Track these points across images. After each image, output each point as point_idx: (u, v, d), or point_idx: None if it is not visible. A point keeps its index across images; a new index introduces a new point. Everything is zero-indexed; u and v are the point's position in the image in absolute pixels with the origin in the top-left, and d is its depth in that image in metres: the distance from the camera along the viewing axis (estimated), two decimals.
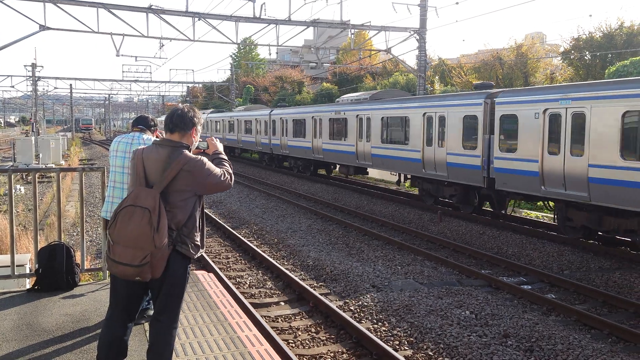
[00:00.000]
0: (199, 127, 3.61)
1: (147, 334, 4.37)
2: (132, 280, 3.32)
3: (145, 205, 3.22)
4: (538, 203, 14.01)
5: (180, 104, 3.93)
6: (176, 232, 3.33)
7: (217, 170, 3.48)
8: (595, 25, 32.36)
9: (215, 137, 3.90)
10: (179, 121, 3.50)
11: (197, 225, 3.48)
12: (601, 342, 6.42)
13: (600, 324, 6.93)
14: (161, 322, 3.42)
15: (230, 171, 3.60)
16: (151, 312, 4.83)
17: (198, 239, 3.48)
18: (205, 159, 3.46)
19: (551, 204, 12.69)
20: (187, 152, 3.44)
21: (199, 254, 3.52)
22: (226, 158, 3.70)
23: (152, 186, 3.34)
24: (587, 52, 26.34)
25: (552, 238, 11.58)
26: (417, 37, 22.24)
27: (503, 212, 13.60)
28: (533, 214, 15.38)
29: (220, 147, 3.80)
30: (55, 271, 5.43)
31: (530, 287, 8.70)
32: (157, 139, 3.65)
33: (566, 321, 7.17)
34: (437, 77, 33.19)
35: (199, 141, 3.71)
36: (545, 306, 7.71)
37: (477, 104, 13.23)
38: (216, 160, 3.63)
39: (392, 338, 6.48)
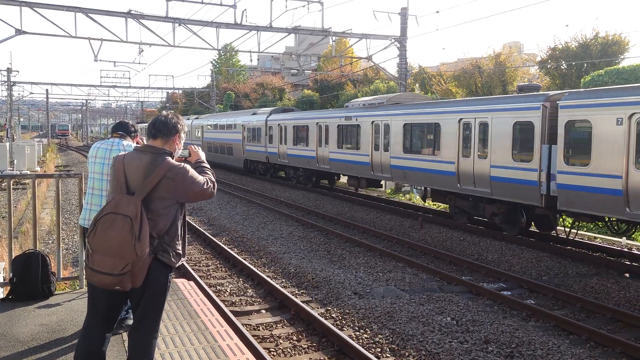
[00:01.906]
0: (183, 135, 3.57)
1: (126, 344, 4.28)
2: (111, 290, 3.24)
3: (127, 213, 3.15)
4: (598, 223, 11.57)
5: (163, 111, 3.87)
6: (157, 240, 3.27)
7: (200, 178, 3.42)
8: (571, 35, 33.04)
9: (197, 145, 3.86)
10: (162, 127, 3.45)
11: (179, 233, 3.42)
12: (580, 347, 6.48)
13: (578, 329, 7.00)
14: (140, 331, 3.35)
15: (213, 179, 3.56)
16: (130, 322, 4.75)
17: (180, 247, 3.42)
18: (188, 167, 3.41)
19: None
20: (169, 159, 3.39)
21: (180, 263, 3.46)
22: (209, 166, 3.67)
23: (134, 193, 3.26)
24: (563, 62, 26.85)
25: (531, 244, 11.71)
26: (398, 45, 22.43)
27: (566, 236, 11.92)
28: (600, 237, 13.04)
29: (203, 155, 3.76)
30: (30, 280, 5.30)
31: (510, 293, 8.77)
32: (139, 145, 3.59)
33: (545, 327, 7.23)
34: (417, 85, 33.50)
35: (181, 149, 3.66)
36: (524, 312, 7.78)
37: (533, 108, 11.22)
38: (199, 168, 3.58)
39: (374, 345, 6.46)
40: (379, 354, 6.23)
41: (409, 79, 26.57)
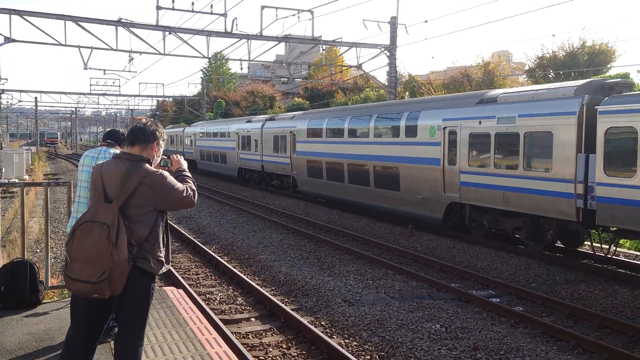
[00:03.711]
0: (162, 142, 3.58)
1: (113, 352, 4.27)
2: (93, 298, 3.24)
3: (104, 220, 3.16)
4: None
5: (144, 119, 3.89)
6: (137, 247, 3.26)
7: (180, 186, 3.41)
8: (559, 44, 33.47)
9: (178, 154, 3.88)
10: (140, 134, 3.47)
11: (160, 240, 3.41)
12: (567, 353, 6.54)
13: (566, 335, 7.05)
14: (126, 340, 3.34)
15: (194, 188, 3.55)
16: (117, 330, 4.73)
17: (162, 254, 3.41)
18: (166, 173, 3.41)
19: None
20: (147, 165, 3.38)
21: (163, 270, 3.45)
22: (190, 175, 3.66)
23: (112, 201, 3.27)
24: (550, 71, 27.18)
25: (520, 252, 11.79)
26: (388, 54, 22.59)
27: (605, 254, 10.82)
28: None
29: (184, 164, 3.77)
30: (17, 289, 5.28)
31: (498, 300, 8.82)
32: (117, 153, 3.60)
33: (534, 333, 7.28)
34: (407, 93, 33.71)
35: (163, 158, 3.67)
36: (513, 319, 7.82)
37: (567, 113, 10.35)
38: (180, 177, 3.58)
39: (363, 353, 6.47)
40: None
41: (399, 87, 26.74)
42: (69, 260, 3.23)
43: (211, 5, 19.84)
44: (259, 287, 8.81)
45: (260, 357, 6.34)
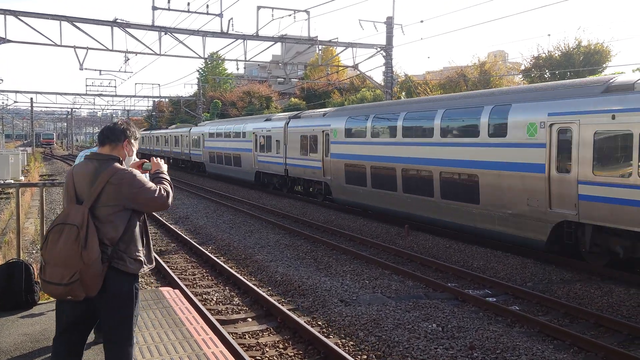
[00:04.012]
0: (134, 141, 3.55)
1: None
2: (77, 302, 3.22)
3: (74, 222, 3.14)
4: None
5: (115, 119, 3.88)
6: (112, 248, 3.22)
7: (151, 186, 3.36)
8: (554, 44, 33.57)
9: (159, 158, 3.86)
10: (109, 133, 3.45)
11: (138, 240, 3.36)
12: (563, 352, 6.55)
13: (562, 334, 7.07)
14: (112, 342, 3.31)
15: (169, 190, 3.49)
16: None
17: (140, 254, 3.36)
18: (136, 172, 3.37)
19: None
20: (116, 164, 3.34)
21: (144, 270, 3.41)
22: (167, 178, 3.63)
23: (83, 202, 3.25)
24: (546, 70, 27.26)
25: (516, 251, 11.82)
26: (384, 54, 22.62)
27: None
28: None
29: (164, 167, 3.74)
30: (13, 290, 5.26)
31: (495, 299, 8.84)
32: (88, 154, 3.59)
33: (530, 332, 7.30)
34: (403, 93, 33.77)
35: (145, 162, 3.63)
36: (509, 318, 7.84)
37: None
38: (156, 179, 3.55)
39: (360, 352, 6.48)
40: None
41: (395, 87, 26.77)
42: (43, 263, 3.22)
43: (207, 6, 19.83)
44: (255, 288, 8.80)
45: (257, 357, 6.34)
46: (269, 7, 20.67)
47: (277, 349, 6.63)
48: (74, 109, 72.50)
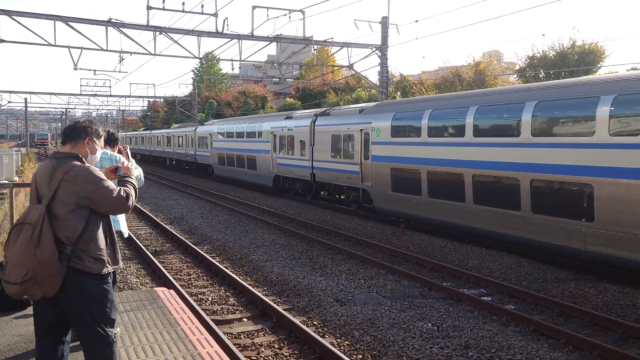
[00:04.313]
0: (96, 139, 3.52)
1: None
2: (52, 304, 3.20)
3: (30, 220, 3.13)
4: None
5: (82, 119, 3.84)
6: (71, 247, 3.18)
7: (110, 185, 3.30)
8: (549, 44, 33.69)
9: (132, 162, 3.84)
10: (70, 131, 3.45)
11: (100, 239, 3.29)
12: (558, 351, 6.58)
13: (557, 333, 7.10)
14: (89, 343, 3.28)
15: (132, 193, 3.43)
16: None
17: (102, 253, 3.29)
18: (94, 169, 3.31)
19: None
20: (75, 162, 3.30)
21: (107, 270, 3.32)
22: (133, 182, 3.57)
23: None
24: (541, 70, 27.35)
25: (511, 250, 11.84)
26: (379, 54, 22.63)
27: None
28: None
29: (135, 172, 3.72)
30: None
31: (490, 298, 8.86)
32: (107, 152, 3.59)
33: (525, 331, 7.32)
34: (398, 93, 33.82)
35: (119, 167, 3.60)
36: (504, 317, 7.86)
37: None
38: (122, 181, 3.52)
39: (355, 352, 6.48)
40: None
41: (390, 87, 26.80)
42: (5, 263, 3.21)
43: (202, 5, 19.78)
44: (250, 288, 8.79)
45: (252, 357, 6.33)
46: (264, 6, 20.64)
47: (273, 348, 6.62)
48: (68, 109, 72.19)
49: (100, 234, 3.31)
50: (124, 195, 3.34)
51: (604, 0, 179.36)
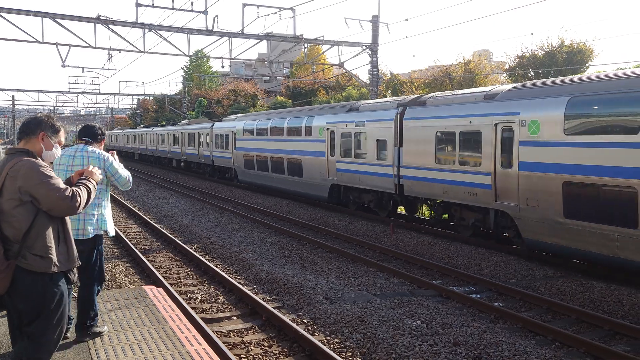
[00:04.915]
0: (51, 134, 3.43)
1: (92, 352, 4.22)
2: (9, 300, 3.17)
3: None
4: None
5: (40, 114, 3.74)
6: (18, 244, 3.12)
7: (55, 182, 3.20)
8: (538, 43, 33.92)
9: (97, 168, 3.69)
10: (24, 127, 3.39)
11: (48, 237, 3.20)
12: (545, 347, 6.63)
13: (544, 330, 7.15)
14: (28, 337, 3.22)
15: (83, 195, 3.32)
16: (96, 329, 4.68)
17: (50, 252, 3.19)
18: (40, 165, 3.22)
19: None
20: (24, 157, 3.22)
21: (55, 269, 3.23)
22: (89, 186, 3.47)
23: None
24: (530, 69, 27.52)
25: (500, 248, 11.91)
26: (369, 52, 22.66)
27: None
28: None
29: (97, 178, 3.62)
30: None
31: (479, 296, 8.91)
32: (95, 150, 3.55)
33: (513, 328, 7.37)
34: (389, 92, 33.88)
35: (53, 150, 3.50)
36: (493, 314, 7.91)
37: None
38: (77, 183, 3.44)
39: (344, 349, 6.49)
40: (350, 358, 6.25)
41: (381, 85, 26.84)
42: None
43: (192, 3, 19.70)
44: (240, 286, 8.77)
45: (242, 356, 6.31)
46: (254, 4, 20.60)
47: (262, 347, 6.61)
48: (56, 107, 71.58)
49: (50, 232, 3.20)
50: (70, 194, 3.21)
51: (592, 0, 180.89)
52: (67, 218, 3.42)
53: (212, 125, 28.96)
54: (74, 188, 3.26)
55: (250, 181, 24.08)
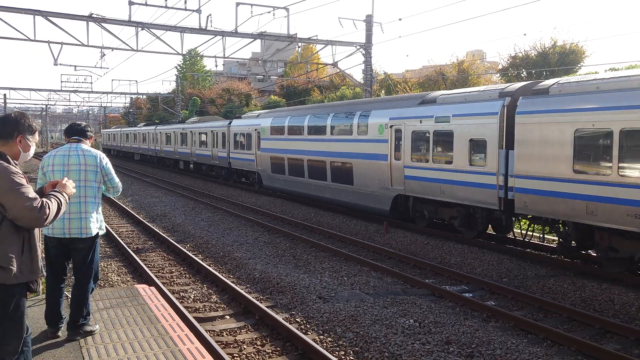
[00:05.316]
0: (29, 136, 3.27)
1: (83, 350, 4.21)
2: None
3: None
4: None
5: (12, 113, 3.54)
6: None
7: (25, 191, 3.03)
8: (531, 44, 34.08)
9: (71, 181, 3.53)
10: (0, 129, 3.17)
11: (10, 247, 3.05)
12: (537, 346, 6.66)
13: (536, 328, 7.19)
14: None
15: (52, 208, 3.13)
16: (88, 328, 4.67)
17: (11, 262, 3.04)
18: (10, 171, 3.05)
19: None
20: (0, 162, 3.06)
21: (15, 281, 3.09)
22: (61, 199, 3.28)
23: None
24: (523, 70, 27.65)
25: (492, 247, 11.96)
26: (363, 52, 22.68)
27: None
28: None
29: (69, 191, 3.42)
30: None
31: (471, 295, 8.94)
32: (87, 148, 3.48)
33: (505, 327, 7.40)
34: (383, 92, 33.93)
35: (32, 151, 3.37)
36: (485, 313, 7.94)
37: None
38: (48, 194, 3.27)
39: (337, 348, 6.49)
40: (343, 357, 6.26)
41: (375, 85, 26.87)
42: None
43: (185, 1, 19.64)
44: (233, 285, 8.76)
45: (235, 354, 6.31)
46: (248, 3, 20.56)
47: (255, 345, 6.61)
48: (49, 105, 71.20)
49: (14, 241, 3.06)
50: (38, 205, 3.04)
51: (584, 0, 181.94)
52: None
53: (230, 123, 25.92)
54: (44, 199, 3.10)
55: (278, 187, 20.84)
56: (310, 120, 18.23)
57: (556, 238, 11.49)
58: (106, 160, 4.89)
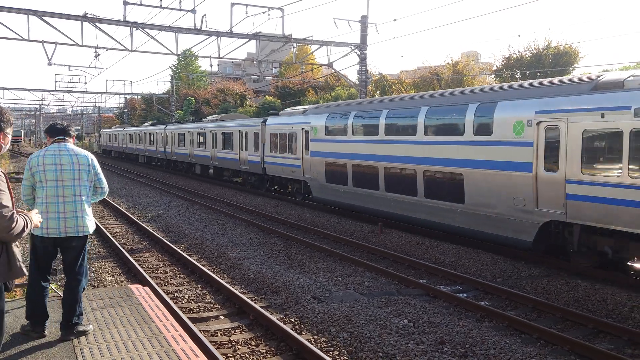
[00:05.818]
0: (9, 131, 3.28)
1: (76, 350, 4.19)
2: None
3: None
4: None
5: None
6: None
7: (3, 199, 3.00)
8: (525, 45, 34.21)
9: (39, 215, 3.47)
10: None
11: None
12: (531, 345, 6.69)
13: (529, 328, 7.22)
14: None
15: (19, 224, 3.07)
16: (81, 328, 4.66)
17: None
18: None
19: None
20: None
21: None
22: (28, 222, 3.20)
23: None
24: (517, 71, 27.75)
25: (486, 247, 11.99)
26: (358, 53, 22.71)
27: None
28: None
29: (35, 221, 3.34)
30: None
31: (465, 295, 8.96)
32: (73, 146, 3.45)
33: (498, 327, 7.42)
34: (378, 92, 33.98)
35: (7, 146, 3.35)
36: (479, 313, 7.97)
37: None
38: (19, 212, 3.20)
39: (332, 348, 6.50)
40: (337, 357, 6.27)
41: (370, 86, 26.91)
42: None
43: (180, 1, 19.61)
44: (228, 285, 8.75)
45: (229, 355, 6.30)
46: (243, 4, 20.54)
47: (249, 346, 6.60)
48: (42, 106, 70.87)
49: None
50: (9, 215, 2.99)
51: (578, 1, 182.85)
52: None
53: (265, 121, 22.05)
54: (14, 212, 3.04)
55: (337, 201, 16.73)
56: (387, 117, 14.26)
57: None
58: (96, 160, 4.97)
